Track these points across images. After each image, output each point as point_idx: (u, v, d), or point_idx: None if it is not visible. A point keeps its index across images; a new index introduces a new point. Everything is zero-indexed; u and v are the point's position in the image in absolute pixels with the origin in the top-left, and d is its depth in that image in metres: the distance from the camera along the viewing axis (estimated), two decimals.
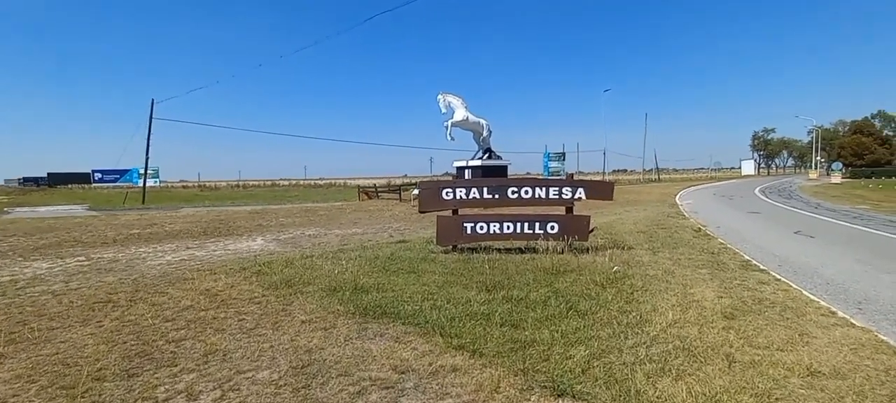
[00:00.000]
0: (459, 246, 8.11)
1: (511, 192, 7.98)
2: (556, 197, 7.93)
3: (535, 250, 7.95)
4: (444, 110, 19.83)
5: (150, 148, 33.14)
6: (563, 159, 54.80)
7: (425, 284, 5.99)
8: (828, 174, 51.87)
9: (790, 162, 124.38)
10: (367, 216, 15.42)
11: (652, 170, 75.70)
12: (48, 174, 73.47)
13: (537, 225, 7.95)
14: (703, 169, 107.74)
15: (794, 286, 5.81)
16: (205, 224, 13.69)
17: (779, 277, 6.28)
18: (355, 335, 4.14)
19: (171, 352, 3.81)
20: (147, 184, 69.46)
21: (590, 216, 7.97)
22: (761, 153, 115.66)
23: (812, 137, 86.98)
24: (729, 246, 8.93)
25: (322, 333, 4.18)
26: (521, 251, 7.91)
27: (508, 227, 8.00)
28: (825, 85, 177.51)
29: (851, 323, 4.34)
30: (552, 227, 7.92)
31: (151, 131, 32.63)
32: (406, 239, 9.81)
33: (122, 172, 71.36)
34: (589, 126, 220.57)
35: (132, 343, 4.04)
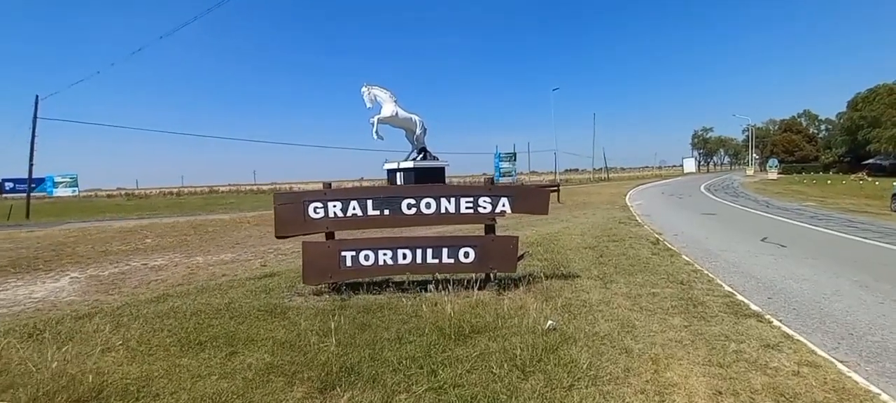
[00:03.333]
0: (336, 284, 5.61)
1: (407, 206, 5.55)
2: (471, 211, 5.58)
3: (440, 285, 5.59)
4: (369, 105, 17.19)
5: (34, 152, 27.78)
6: (515, 159, 53.54)
7: (229, 375, 3.46)
8: (764, 170, 53.75)
9: (726, 159, 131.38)
10: (261, 232, 12.48)
11: (601, 169, 76.38)
12: None
13: (445, 251, 5.58)
14: (648, 167, 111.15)
15: (818, 350, 3.73)
16: (33, 250, 10.32)
17: (787, 330, 4.22)
18: None
19: None
20: (64, 194, 62.00)
21: (516, 237, 5.68)
22: (701, 151, 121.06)
23: (747, 135, 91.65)
24: (698, 267, 6.97)
25: None
26: (423, 287, 5.53)
27: (405, 256, 5.57)
28: (757, 84, 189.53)
29: None
30: (466, 254, 5.57)
31: (36, 132, 27.46)
32: (279, 270, 7.16)
33: (38, 181, 63.97)
34: (540, 126, 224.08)
35: None
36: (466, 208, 5.58)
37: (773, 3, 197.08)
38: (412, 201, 5.57)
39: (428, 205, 5.56)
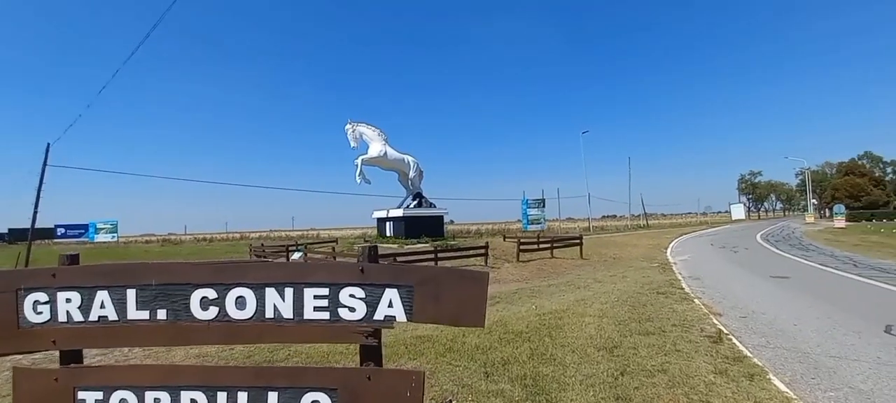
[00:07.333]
0: None
1: (201, 304, 2.75)
2: (325, 316, 2.70)
3: None
4: (353, 144, 14.81)
5: (39, 199, 27.14)
6: (544, 206, 50.10)
7: None
8: (828, 217, 47.81)
9: (778, 205, 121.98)
10: None
11: (639, 215, 71.16)
12: (9, 229, 66.64)
13: (274, 398, 2.68)
14: (691, 213, 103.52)
15: None
16: None
17: None
18: None
19: None
20: (105, 239, 63.28)
21: (421, 373, 2.69)
22: (749, 197, 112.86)
23: (800, 180, 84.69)
24: None
25: None
26: None
27: None
28: (806, 126, 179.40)
29: None
30: None
31: (43, 180, 26.95)
32: None
33: (83, 227, 66.75)
34: (570, 171, 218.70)
35: None
36: (317, 308, 2.70)
37: (818, 44, 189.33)
38: (211, 293, 2.76)
39: (240, 303, 2.74)
